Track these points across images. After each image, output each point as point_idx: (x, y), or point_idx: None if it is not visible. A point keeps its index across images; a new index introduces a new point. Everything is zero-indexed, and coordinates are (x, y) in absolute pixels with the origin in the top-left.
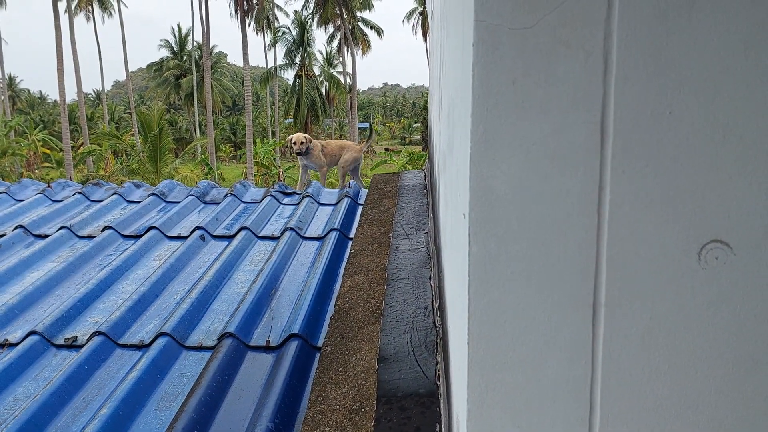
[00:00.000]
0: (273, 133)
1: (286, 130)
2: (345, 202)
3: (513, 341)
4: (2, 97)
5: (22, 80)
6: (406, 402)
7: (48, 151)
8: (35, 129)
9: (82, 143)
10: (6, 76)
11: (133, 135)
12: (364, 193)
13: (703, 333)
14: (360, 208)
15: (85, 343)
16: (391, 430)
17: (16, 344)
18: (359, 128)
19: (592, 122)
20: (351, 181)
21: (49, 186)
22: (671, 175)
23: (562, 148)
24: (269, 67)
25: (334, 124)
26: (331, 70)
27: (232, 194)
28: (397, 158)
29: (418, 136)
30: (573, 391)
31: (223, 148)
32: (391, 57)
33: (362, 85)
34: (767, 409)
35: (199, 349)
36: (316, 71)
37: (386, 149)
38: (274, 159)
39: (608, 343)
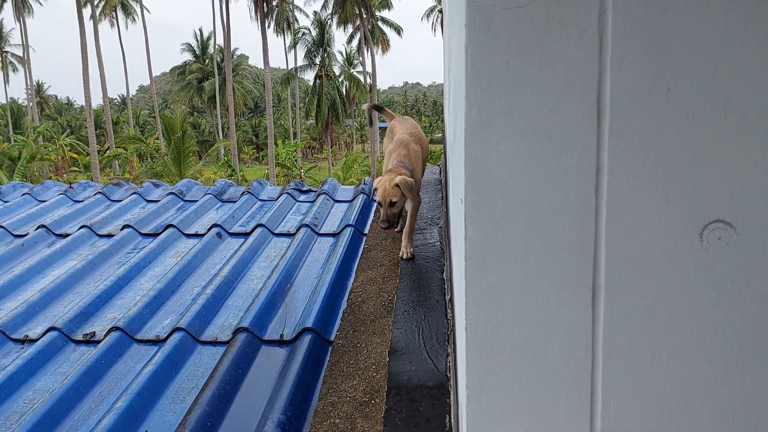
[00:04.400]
0: (294, 134)
1: (308, 131)
2: (360, 198)
3: (512, 325)
4: (31, 104)
5: (49, 86)
6: (417, 394)
7: (75, 156)
8: (63, 134)
9: (108, 147)
10: (34, 83)
11: (157, 138)
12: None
13: (707, 315)
14: (375, 204)
15: (103, 339)
16: (401, 422)
17: (36, 340)
18: (380, 127)
19: (588, 101)
20: (367, 178)
21: (70, 187)
22: (671, 154)
23: (558, 128)
24: (290, 68)
25: (355, 124)
26: (351, 70)
27: (248, 192)
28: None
29: (440, 135)
30: (573, 375)
31: (246, 150)
32: (411, 55)
33: (382, 84)
34: None
35: (214, 343)
36: (336, 71)
37: None
38: (296, 160)
39: (609, 326)
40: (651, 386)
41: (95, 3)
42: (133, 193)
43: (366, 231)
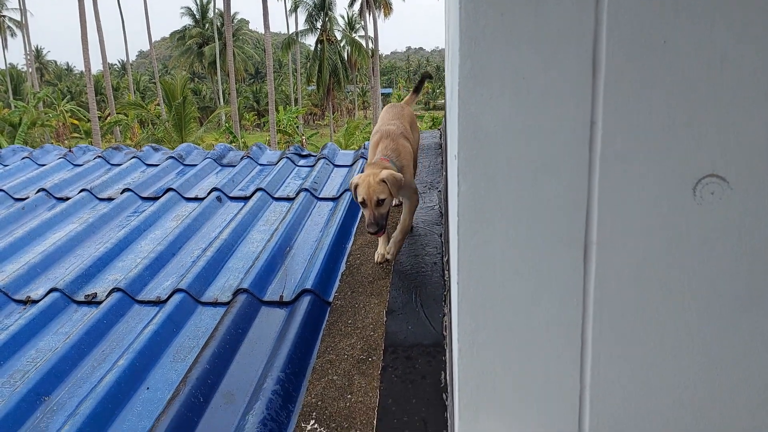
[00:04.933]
0: (296, 100)
1: (309, 97)
2: (360, 163)
3: (503, 281)
4: (30, 69)
5: (48, 52)
6: (413, 351)
7: (76, 122)
8: (63, 100)
9: (109, 113)
10: (33, 48)
11: (158, 104)
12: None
13: (699, 271)
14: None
15: (105, 299)
16: (397, 378)
17: (38, 301)
18: (382, 94)
19: (583, 54)
20: (366, 143)
21: (70, 151)
22: (666, 108)
23: (553, 82)
24: (290, 33)
25: (357, 90)
26: (353, 35)
27: (248, 157)
28: (420, 124)
29: (443, 101)
30: (564, 330)
31: (247, 117)
32: (414, 20)
33: (385, 49)
34: (765, 348)
35: (215, 304)
36: (338, 36)
37: None
38: (297, 126)
39: (600, 282)
40: (641, 341)
41: None
42: (133, 157)
43: None
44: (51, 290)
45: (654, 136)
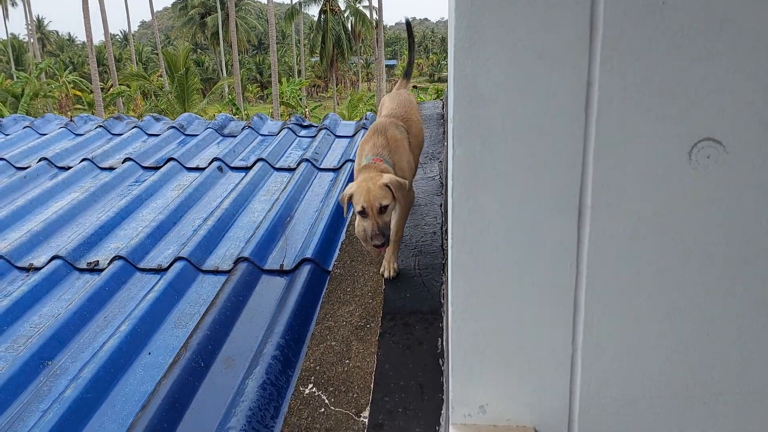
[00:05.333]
0: (299, 72)
1: (312, 69)
2: (362, 133)
3: (496, 244)
4: (32, 40)
5: (50, 22)
6: (411, 318)
7: (79, 93)
8: (65, 71)
9: (112, 85)
10: (34, 18)
11: (160, 76)
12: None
13: (693, 234)
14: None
15: (106, 267)
16: (395, 344)
17: (41, 268)
18: (386, 65)
19: (580, 15)
20: (369, 113)
21: (71, 120)
22: (663, 70)
23: (550, 43)
24: (294, 2)
25: (361, 61)
26: (357, 5)
27: (249, 127)
28: (424, 96)
29: (446, 74)
30: (557, 293)
31: (250, 88)
32: None
33: (389, 20)
34: (758, 311)
35: (215, 272)
36: (342, 6)
37: (414, 87)
38: (300, 98)
39: (594, 245)
40: (634, 304)
41: None
42: (134, 127)
43: None
44: (53, 258)
45: (651, 98)
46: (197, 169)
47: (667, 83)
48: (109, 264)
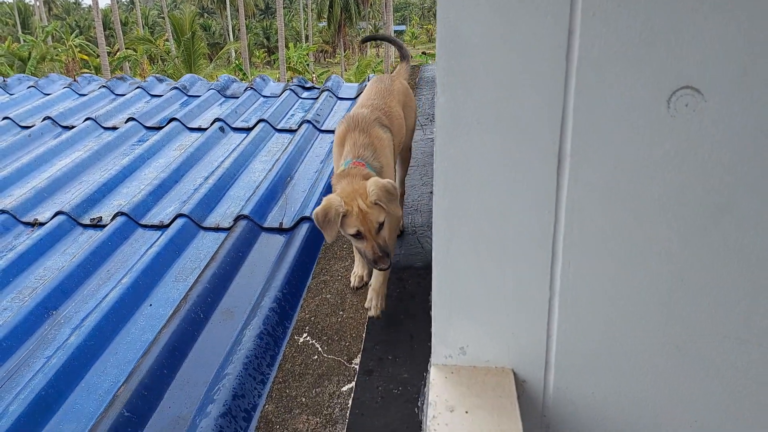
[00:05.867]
0: (306, 37)
1: (320, 34)
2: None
3: (478, 191)
4: (38, 3)
5: None
6: (404, 273)
7: (86, 57)
8: (71, 35)
9: (118, 49)
10: None
11: (167, 40)
12: None
13: (670, 183)
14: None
15: (109, 223)
16: (388, 297)
17: (45, 223)
18: (395, 31)
19: None
20: (371, 75)
21: (75, 80)
22: (644, 16)
23: None
24: None
25: (369, 27)
26: None
27: (251, 88)
28: (432, 62)
29: None
30: (535, 239)
31: (257, 54)
32: None
33: None
34: (731, 257)
35: (216, 229)
36: None
37: (423, 53)
38: (308, 64)
39: (572, 193)
40: (610, 250)
41: None
42: (137, 88)
43: None
44: (57, 213)
45: (631, 46)
46: (199, 129)
47: (647, 31)
48: (111, 220)
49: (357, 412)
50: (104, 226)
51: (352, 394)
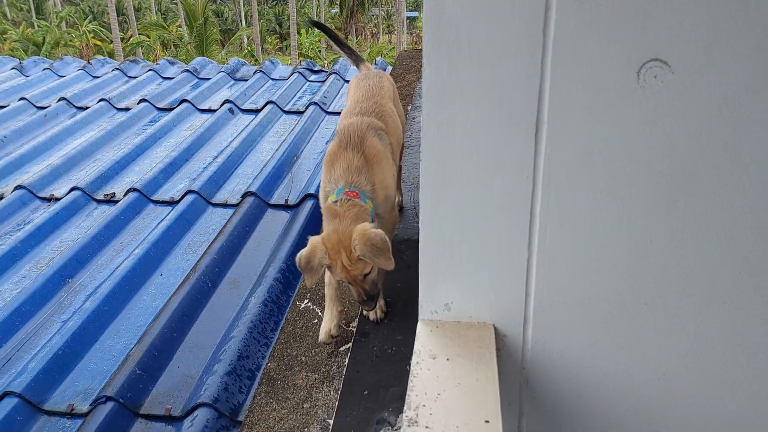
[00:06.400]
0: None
1: (332, 20)
2: None
3: (461, 159)
4: None
5: None
6: (402, 245)
7: (99, 43)
8: (85, 20)
9: (131, 35)
10: None
11: (179, 26)
12: (390, 70)
13: (639, 151)
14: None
15: (122, 198)
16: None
17: (61, 198)
18: (407, 17)
19: None
20: (378, 59)
21: (89, 63)
22: None
23: None
24: None
25: (382, 13)
26: None
27: (260, 71)
28: None
29: None
30: (515, 203)
31: (269, 40)
32: None
33: None
34: (695, 222)
35: (224, 205)
36: None
37: None
38: (320, 50)
39: (549, 159)
40: (584, 213)
41: None
42: (149, 70)
43: None
44: (72, 189)
45: (603, 20)
46: (209, 110)
47: (619, 5)
48: (124, 195)
49: (353, 369)
50: (117, 201)
51: (349, 354)
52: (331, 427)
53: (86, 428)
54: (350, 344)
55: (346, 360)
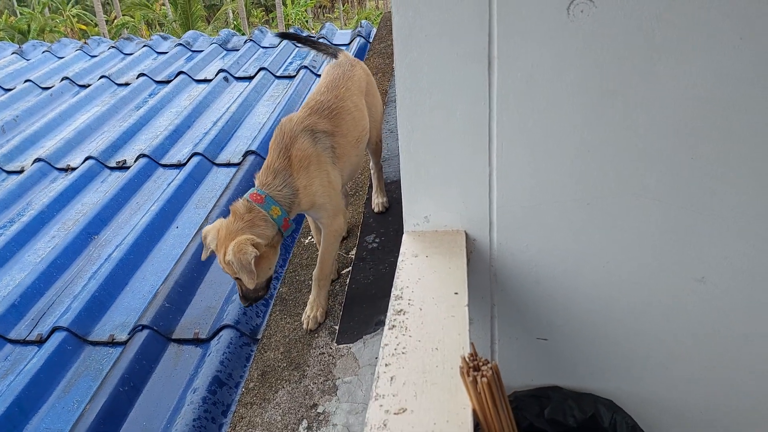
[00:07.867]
0: None
1: None
2: (357, 41)
3: (429, 91)
4: None
5: None
6: (391, 186)
7: (84, 27)
8: (68, 5)
9: (116, 17)
10: None
11: (163, 4)
12: (374, 31)
13: (573, 73)
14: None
15: (133, 164)
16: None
17: (77, 168)
18: None
19: None
20: (363, 21)
21: (85, 43)
22: None
23: None
24: None
25: None
26: None
27: (251, 40)
28: None
29: None
30: (476, 126)
31: (255, 13)
32: None
33: None
34: (624, 130)
35: (227, 165)
36: None
37: None
38: (307, 21)
39: (501, 87)
40: (532, 131)
41: None
42: (144, 46)
43: None
44: (87, 158)
45: None
46: (205, 80)
47: None
48: (135, 161)
49: (353, 287)
50: (129, 167)
51: (349, 275)
52: (337, 331)
53: (127, 353)
54: (350, 268)
55: (347, 280)
